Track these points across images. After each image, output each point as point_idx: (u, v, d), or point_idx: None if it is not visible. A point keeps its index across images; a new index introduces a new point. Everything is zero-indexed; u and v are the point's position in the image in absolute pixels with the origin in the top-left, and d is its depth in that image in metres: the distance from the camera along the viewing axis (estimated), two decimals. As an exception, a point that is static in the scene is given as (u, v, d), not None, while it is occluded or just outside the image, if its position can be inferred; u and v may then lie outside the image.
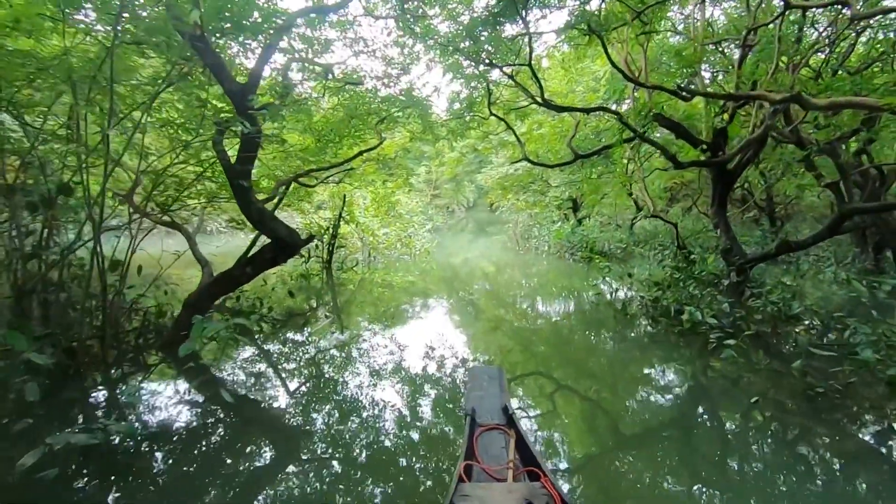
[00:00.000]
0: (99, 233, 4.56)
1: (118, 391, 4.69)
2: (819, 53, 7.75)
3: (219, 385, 4.97)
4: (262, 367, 5.71)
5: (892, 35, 7.33)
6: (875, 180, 8.85)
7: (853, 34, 7.40)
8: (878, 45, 7.68)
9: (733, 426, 4.25)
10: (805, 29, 7.03)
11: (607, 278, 10.86)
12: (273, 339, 6.61)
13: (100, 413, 4.25)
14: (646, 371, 5.59)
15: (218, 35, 4.90)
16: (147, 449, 3.60)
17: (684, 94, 6.64)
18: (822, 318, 6.12)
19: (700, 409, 4.67)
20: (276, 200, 7.30)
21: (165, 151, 5.55)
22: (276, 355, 6.09)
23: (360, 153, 8.32)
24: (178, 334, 5.27)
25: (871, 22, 6.92)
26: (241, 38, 5.54)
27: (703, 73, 8.85)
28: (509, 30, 7.61)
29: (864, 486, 3.29)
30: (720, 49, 8.51)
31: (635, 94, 8.67)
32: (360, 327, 7.58)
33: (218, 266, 6.63)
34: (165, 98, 5.56)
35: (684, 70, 8.15)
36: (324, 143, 8.24)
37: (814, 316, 6.32)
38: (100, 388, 4.76)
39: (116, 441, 3.55)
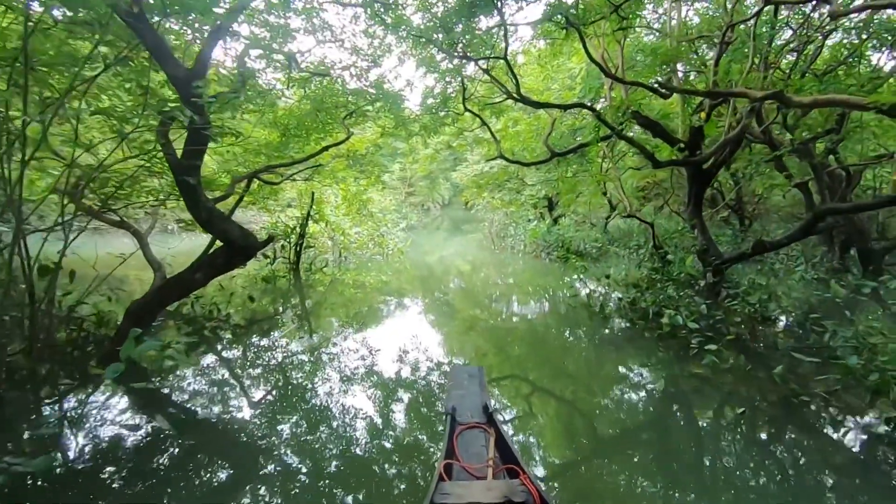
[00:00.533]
0: (19, 232, 4.01)
1: (46, 413, 4.15)
2: (788, 56, 7.79)
3: (166, 402, 4.50)
4: (221, 376, 5.24)
5: (855, 40, 7.41)
6: (843, 181, 8.99)
7: (820, 37, 7.45)
8: (844, 49, 7.79)
9: (716, 433, 4.10)
10: (777, 28, 7.01)
11: (583, 278, 10.76)
12: (234, 346, 6.14)
13: (24, 438, 3.74)
14: (623, 373, 5.44)
15: (161, 15, 4.38)
16: (74, 486, 3.13)
17: (663, 90, 6.50)
18: (799, 320, 6.09)
19: (681, 416, 4.50)
20: (235, 199, 6.79)
21: (99, 141, 4.98)
22: (237, 364, 5.62)
23: (326, 148, 7.86)
24: (119, 345, 4.74)
25: (837, 25, 6.95)
26: (195, 24, 5.03)
27: (677, 71, 8.79)
28: (485, 22, 7.34)
29: (845, 493, 3.16)
30: (694, 48, 8.46)
31: (611, 92, 8.52)
32: (330, 330, 7.17)
33: (177, 268, 6.12)
34: (104, 84, 5.01)
35: (660, 68, 8.05)
36: (288, 137, 7.76)
37: (790, 317, 6.28)
38: (29, 409, 4.21)
39: (30, 479, 3.06)
